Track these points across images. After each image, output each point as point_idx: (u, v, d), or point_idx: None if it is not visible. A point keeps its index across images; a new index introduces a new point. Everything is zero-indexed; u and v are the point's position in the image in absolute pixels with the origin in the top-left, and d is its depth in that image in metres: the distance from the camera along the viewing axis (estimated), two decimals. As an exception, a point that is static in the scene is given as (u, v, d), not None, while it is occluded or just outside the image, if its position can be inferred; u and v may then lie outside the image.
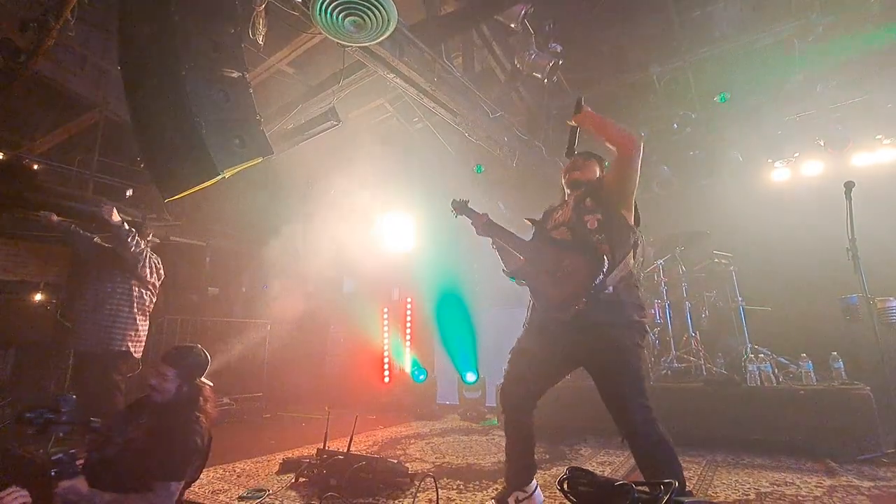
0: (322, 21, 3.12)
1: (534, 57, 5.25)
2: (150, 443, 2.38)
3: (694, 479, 3.49)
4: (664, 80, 6.30)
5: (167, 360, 2.59)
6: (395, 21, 3.18)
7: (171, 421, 2.43)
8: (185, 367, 2.59)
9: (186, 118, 2.88)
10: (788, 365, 4.84)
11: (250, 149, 3.07)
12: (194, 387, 2.59)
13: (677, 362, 5.56)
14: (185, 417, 2.46)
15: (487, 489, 3.44)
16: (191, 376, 2.59)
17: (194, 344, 2.77)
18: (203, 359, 2.69)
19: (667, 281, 5.82)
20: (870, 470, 3.56)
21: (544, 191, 7.95)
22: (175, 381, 2.53)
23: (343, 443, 3.77)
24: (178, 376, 2.54)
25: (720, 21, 5.74)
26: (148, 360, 4.30)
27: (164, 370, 2.53)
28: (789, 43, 5.69)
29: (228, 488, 3.57)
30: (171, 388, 2.51)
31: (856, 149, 6.06)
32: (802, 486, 3.26)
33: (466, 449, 4.75)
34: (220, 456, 4.38)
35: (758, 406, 4.32)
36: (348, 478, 3.30)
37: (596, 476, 2.47)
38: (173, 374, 2.53)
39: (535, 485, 2.86)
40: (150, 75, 3.10)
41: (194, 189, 3.15)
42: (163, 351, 2.95)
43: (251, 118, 3.18)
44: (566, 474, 2.57)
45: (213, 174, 2.91)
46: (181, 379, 2.54)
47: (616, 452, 4.42)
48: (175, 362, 2.58)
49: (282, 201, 7.85)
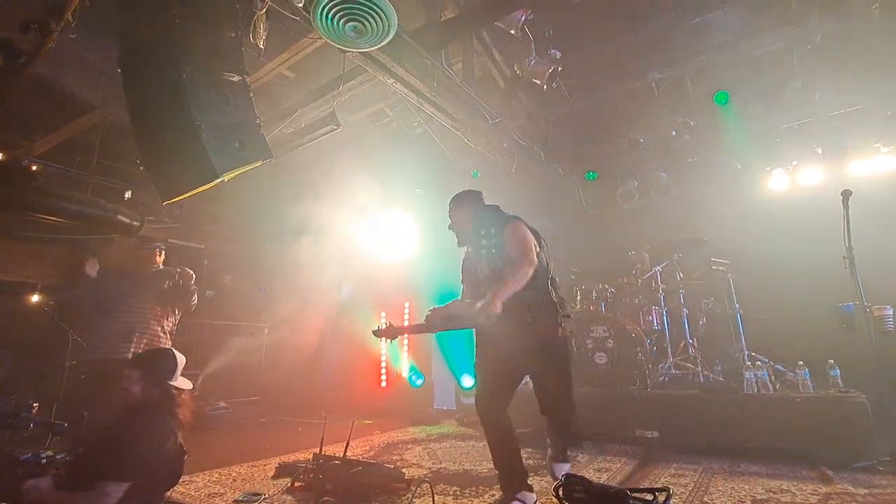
0: (322, 26, 3.14)
1: (533, 63, 5.27)
2: (102, 443, 2.41)
3: (690, 486, 3.49)
4: (663, 87, 6.33)
5: (133, 363, 2.64)
6: (395, 27, 3.19)
7: (131, 422, 2.45)
8: (151, 369, 2.61)
9: (186, 121, 2.89)
10: (785, 372, 4.85)
11: (250, 152, 3.08)
12: (164, 389, 2.58)
13: (675, 369, 5.57)
14: (147, 419, 2.46)
15: (483, 495, 3.44)
16: (157, 379, 2.59)
17: (167, 347, 2.80)
18: (171, 362, 2.69)
19: (664, 288, 5.83)
20: (865, 478, 3.56)
21: (543, 196, 7.99)
22: (140, 382, 2.54)
23: (339, 447, 3.76)
24: (142, 378, 2.56)
25: (719, 28, 5.76)
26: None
27: (130, 372, 2.57)
28: (788, 51, 5.72)
29: (224, 492, 3.56)
30: (136, 390, 2.53)
31: (854, 157, 6.07)
32: (798, 494, 3.26)
33: (463, 455, 4.75)
34: (216, 460, 4.37)
35: (754, 413, 4.33)
36: (344, 483, 3.29)
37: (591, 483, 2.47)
38: (138, 376, 2.55)
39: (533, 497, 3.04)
40: (151, 78, 3.10)
41: (193, 192, 3.16)
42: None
43: (251, 122, 3.19)
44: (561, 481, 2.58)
45: (212, 177, 2.92)
46: (146, 381, 2.56)
47: (613, 459, 4.42)
48: (140, 365, 2.63)
49: (280, 205, 7.84)
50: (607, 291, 6.12)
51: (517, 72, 5.43)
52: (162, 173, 3.24)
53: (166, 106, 3.00)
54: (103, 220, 5.95)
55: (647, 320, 5.87)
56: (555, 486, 2.62)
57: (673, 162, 7.39)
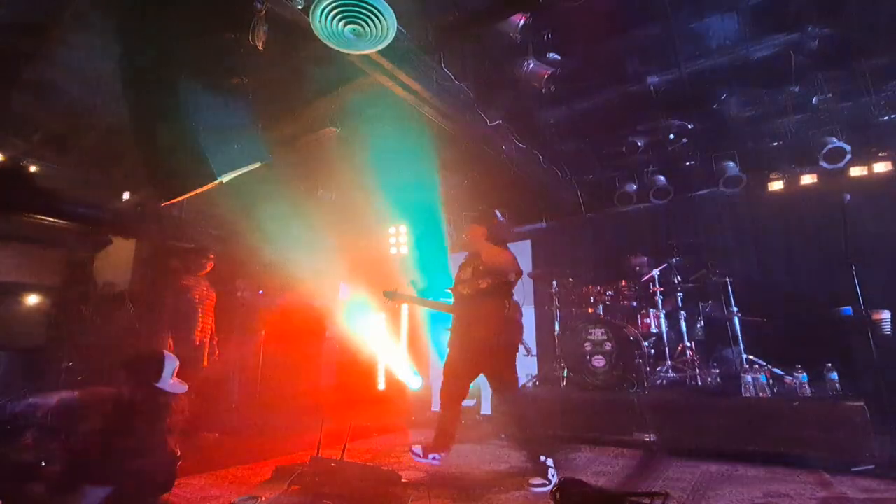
0: (322, 28, 3.13)
1: (531, 66, 5.27)
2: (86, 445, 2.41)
3: (688, 490, 3.49)
4: (661, 91, 6.34)
5: (122, 364, 2.62)
6: (394, 30, 3.19)
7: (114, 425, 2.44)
8: (135, 372, 2.58)
9: (185, 123, 2.90)
10: (783, 376, 4.85)
11: (248, 154, 3.09)
12: (149, 392, 2.56)
13: (672, 372, 5.58)
14: (129, 422, 2.45)
15: (481, 499, 3.43)
16: (141, 382, 2.57)
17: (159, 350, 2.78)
18: (155, 365, 2.66)
19: (662, 291, 5.83)
20: (863, 482, 3.56)
21: (542, 199, 7.99)
22: (126, 385, 2.52)
23: (337, 450, 3.75)
24: (127, 381, 2.54)
25: (717, 32, 5.78)
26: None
27: (119, 374, 2.55)
28: (786, 54, 5.73)
29: (220, 495, 3.54)
30: (124, 392, 2.51)
31: (852, 161, 6.08)
32: (796, 498, 3.26)
33: (461, 458, 4.73)
34: (213, 462, 4.35)
35: (752, 417, 4.33)
36: (341, 486, 3.29)
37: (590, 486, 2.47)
38: (125, 378, 2.54)
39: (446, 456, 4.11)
40: (150, 80, 3.10)
41: (192, 193, 3.16)
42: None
43: (250, 124, 3.20)
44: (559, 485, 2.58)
45: (210, 179, 2.92)
46: (131, 385, 2.53)
47: (611, 462, 4.41)
48: (126, 367, 2.60)
49: (279, 206, 7.83)
50: (605, 294, 6.13)
51: (516, 75, 5.44)
52: (161, 174, 3.24)
53: (165, 107, 3.01)
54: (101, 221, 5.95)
55: (645, 323, 5.88)
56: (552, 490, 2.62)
57: (671, 165, 7.41)
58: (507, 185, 7.38)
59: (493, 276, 3.87)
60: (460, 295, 4.07)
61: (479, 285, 3.89)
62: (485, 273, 3.89)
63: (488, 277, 3.87)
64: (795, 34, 5.44)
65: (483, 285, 3.88)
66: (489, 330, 3.78)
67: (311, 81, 5.02)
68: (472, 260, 4.08)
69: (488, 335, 3.78)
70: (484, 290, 3.87)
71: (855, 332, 4.56)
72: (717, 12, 5.49)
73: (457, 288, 4.12)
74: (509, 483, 3.81)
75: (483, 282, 3.88)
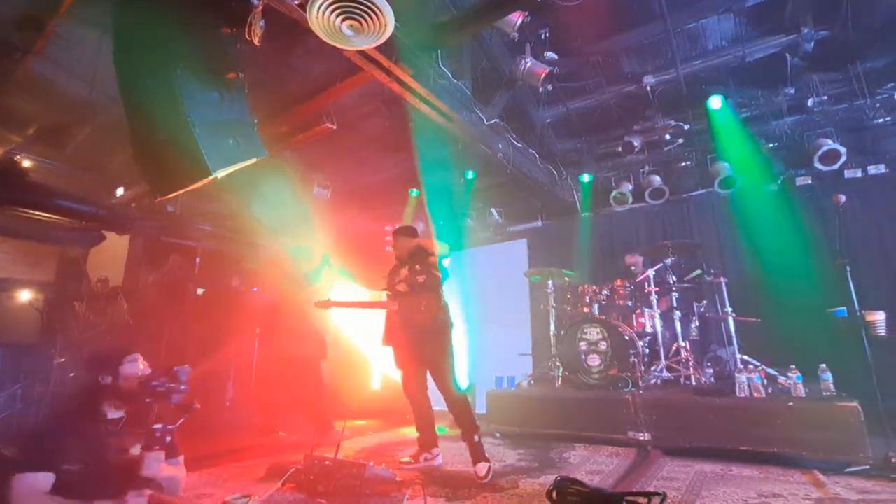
0: (319, 24, 3.11)
1: (529, 65, 5.27)
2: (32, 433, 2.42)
3: (682, 490, 3.49)
4: (658, 91, 6.36)
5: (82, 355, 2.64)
6: (391, 26, 3.17)
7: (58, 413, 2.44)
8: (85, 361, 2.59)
9: (180, 118, 2.87)
10: (777, 376, 4.86)
11: (244, 150, 3.06)
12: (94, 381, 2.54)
13: (667, 372, 5.59)
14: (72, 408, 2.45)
15: (476, 497, 3.42)
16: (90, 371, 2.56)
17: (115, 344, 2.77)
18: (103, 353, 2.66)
19: (657, 290, 5.84)
20: (857, 482, 3.57)
21: (538, 198, 8.00)
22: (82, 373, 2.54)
23: (331, 449, 3.74)
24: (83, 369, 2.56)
25: (714, 33, 5.80)
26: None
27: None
28: (782, 57, 5.76)
29: (213, 493, 3.52)
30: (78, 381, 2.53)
31: (847, 163, 6.11)
32: (790, 499, 3.26)
33: (455, 456, 4.72)
34: (206, 460, 4.33)
35: (746, 417, 4.33)
36: (335, 485, 3.27)
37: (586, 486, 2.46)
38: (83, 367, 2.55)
39: (437, 451, 4.39)
40: (145, 74, 3.08)
41: (186, 189, 3.13)
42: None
43: (246, 119, 3.17)
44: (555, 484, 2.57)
45: (205, 174, 2.90)
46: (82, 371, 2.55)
47: (606, 461, 4.41)
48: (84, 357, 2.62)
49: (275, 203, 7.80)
50: (601, 294, 6.14)
51: (513, 74, 5.43)
52: (155, 170, 3.22)
53: (160, 102, 2.98)
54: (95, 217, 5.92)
55: (640, 323, 5.89)
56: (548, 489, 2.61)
57: (667, 165, 7.44)
58: (503, 184, 7.39)
59: (428, 273, 4.32)
60: (398, 293, 4.39)
61: (418, 280, 4.30)
62: (421, 271, 4.32)
63: (424, 273, 4.31)
64: (791, 36, 5.48)
65: (421, 279, 4.30)
66: (428, 314, 4.18)
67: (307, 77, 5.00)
68: (406, 262, 4.44)
69: (426, 319, 4.18)
70: (422, 283, 4.29)
71: (849, 333, 4.57)
72: (713, 14, 5.52)
73: (394, 289, 4.43)
74: (504, 481, 3.81)
75: (420, 277, 4.30)
